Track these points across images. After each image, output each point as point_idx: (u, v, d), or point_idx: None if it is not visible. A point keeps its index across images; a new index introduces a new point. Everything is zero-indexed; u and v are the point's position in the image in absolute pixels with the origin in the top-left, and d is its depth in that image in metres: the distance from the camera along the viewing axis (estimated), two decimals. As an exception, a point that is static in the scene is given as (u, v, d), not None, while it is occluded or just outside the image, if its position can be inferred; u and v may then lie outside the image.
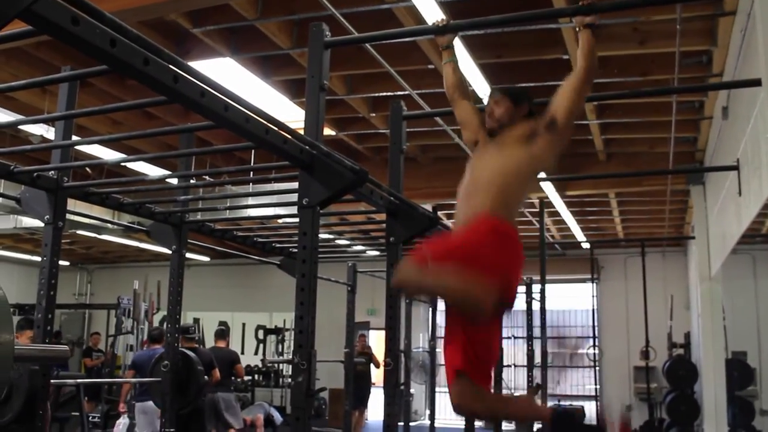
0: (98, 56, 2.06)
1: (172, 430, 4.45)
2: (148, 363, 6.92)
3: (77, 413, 10.25)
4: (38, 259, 4.37)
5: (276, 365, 14.77)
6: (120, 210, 4.38)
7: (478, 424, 6.46)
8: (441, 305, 12.18)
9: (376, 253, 13.82)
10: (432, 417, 10.99)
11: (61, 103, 3.90)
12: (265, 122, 2.66)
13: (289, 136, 2.84)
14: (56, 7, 1.78)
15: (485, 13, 3.83)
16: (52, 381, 3.96)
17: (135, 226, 5.69)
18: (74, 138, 4.14)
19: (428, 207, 6.59)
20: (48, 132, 7.13)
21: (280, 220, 7.12)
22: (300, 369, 2.99)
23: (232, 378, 8.46)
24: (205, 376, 6.46)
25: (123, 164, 8.42)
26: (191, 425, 6.95)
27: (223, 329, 8.84)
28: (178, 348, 4.91)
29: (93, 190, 4.09)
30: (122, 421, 8.48)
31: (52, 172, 3.76)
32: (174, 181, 5.44)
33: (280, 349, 15.11)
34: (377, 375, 16.55)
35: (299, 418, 3.05)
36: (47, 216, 3.76)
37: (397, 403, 3.96)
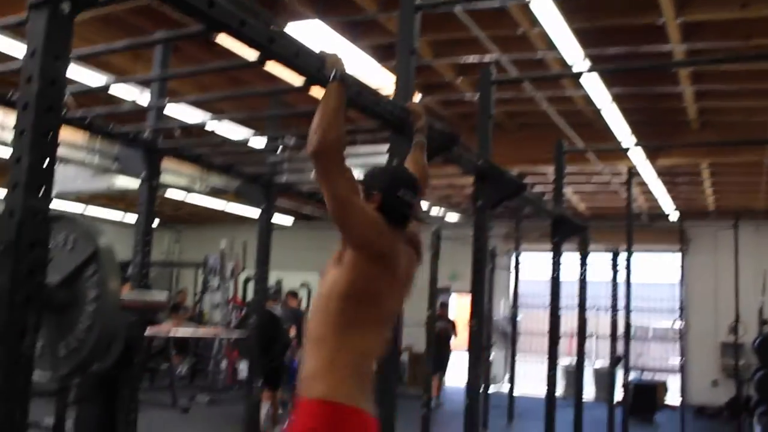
0: (197, 16, 2.11)
1: (260, 382, 4.60)
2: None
3: (166, 365, 10.73)
4: (130, 219, 4.53)
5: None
6: (211, 170, 4.50)
7: (558, 392, 6.41)
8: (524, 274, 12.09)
9: (457, 217, 13.82)
10: (511, 383, 11.00)
11: (156, 65, 4.02)
12: (357, 83, 2.68)
13: (381, 98, 2.85)
14: (159, -33, 1.83)
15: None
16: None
17: (223, 187, 5.81)
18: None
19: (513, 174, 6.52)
20: (141, 95, 7.35)
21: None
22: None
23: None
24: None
25: (208, 128, 8.65)
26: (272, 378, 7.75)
27: (296, 290, 9.40)
28: (265, 307, 5.04)
29: (186, 151, 4.21)
30: None
31: (148, 132, 3.89)
32: (262, 143, 5.54)
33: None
34: (456, 342, 16.60)
35: (385, 377, 3.10)
36: (143, 174, 3.89)
37: (482, 365, 3.96)
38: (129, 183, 10.88)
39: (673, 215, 13.12)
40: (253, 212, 14.36)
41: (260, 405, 4.32)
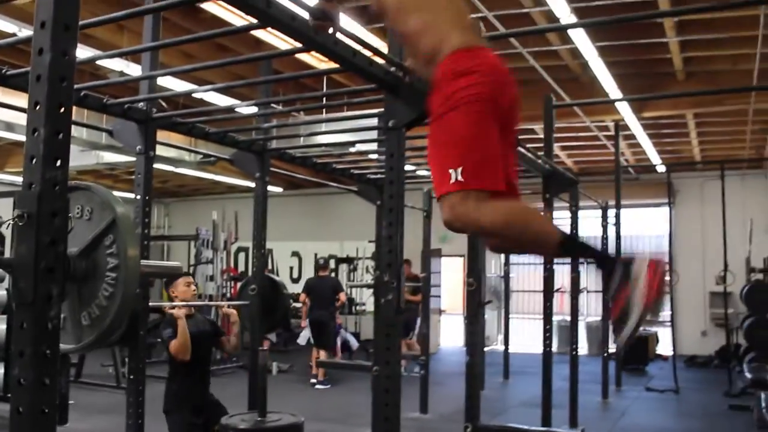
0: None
1: (264, 346, 4.65)
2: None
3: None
4: (117, 194, 4.48)
5: (348, 292, 15.09)
6: (206, 139, 4.49)
7: (555, 347, 6.49)
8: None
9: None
10: (506, 342, 11.13)
11: (147, 36, 3.97)
12: (353, 45, 2.68)
13: (376, 58, 2.85)
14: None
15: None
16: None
17: (215, 155, 5.81)
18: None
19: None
20: (128, 68, 7.29)
21: (353, 148, 7.13)
22: (389, 287, 3.08)
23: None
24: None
25: (194, 96, 8.62)
26: (322, 335, 10.00)
27: (325, 259, 10.96)
28: (265, 273, 5.07)
29: (180, 121, 4.20)
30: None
31: (142, 103, 3.87)
32: (251, 110, 5.52)
33: (351, 278, 15.39)
34: (449, 303, 16.64)
35: (389, 335, 3.15)
36: (139, 146, 3.88)
37: (480, 323, 4.02)
38: (117, 158, 10.89)
39: (660, 167, 13.20)
40: (241, 182, 14.38)
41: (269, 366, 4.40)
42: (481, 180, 2.22)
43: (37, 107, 1.57)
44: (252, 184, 5.05)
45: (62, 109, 1.58)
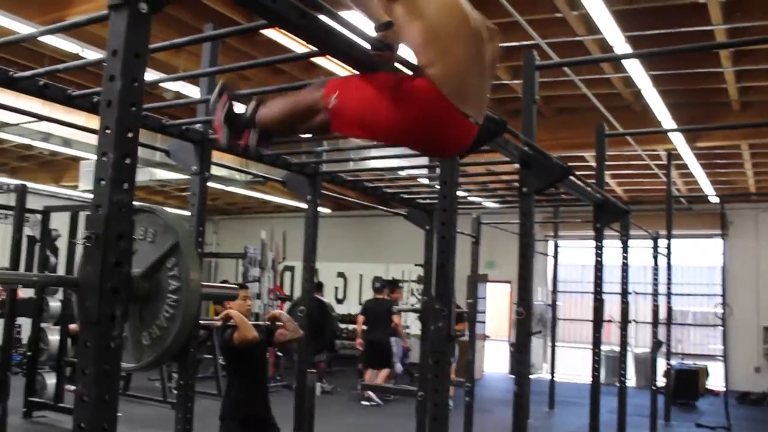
0: (258, 11, 2.16)
1: (313, 370, 4.66)
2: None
3: (209, 355, 10.89)
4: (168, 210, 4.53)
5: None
6: (259, 161, 4.56)
7: (602, 378, 6.38)
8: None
9: (495, 205, 13.72)
10: (552, 370, 10.98)
11: (205, 60, 4.08)
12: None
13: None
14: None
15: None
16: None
17: (266, 175, 5.89)
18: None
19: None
20: (184, 88, 7.45)
21: (404, 173, 7.17)
22: (440, 314, 3.08)
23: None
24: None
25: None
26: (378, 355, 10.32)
27: (382, 283, 11.22)
28: (314, 295, 5.11)
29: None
30: None
31: (199, 125, 3.95)
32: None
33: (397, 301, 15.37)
34: (493, 329, 16.49)
35: (439, 362, 3.15)
36: (194, 167, 3.96)
37: (529, 353, 3.99)
38: (168, 175, 11.09)
39: (713, 198, 12.96)
40: (290, 201, 14.52)
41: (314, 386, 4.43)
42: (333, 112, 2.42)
43: (107, 131, 1.62)
44: (300, 204, 5.11)
45: (130, 134, 1.64)
